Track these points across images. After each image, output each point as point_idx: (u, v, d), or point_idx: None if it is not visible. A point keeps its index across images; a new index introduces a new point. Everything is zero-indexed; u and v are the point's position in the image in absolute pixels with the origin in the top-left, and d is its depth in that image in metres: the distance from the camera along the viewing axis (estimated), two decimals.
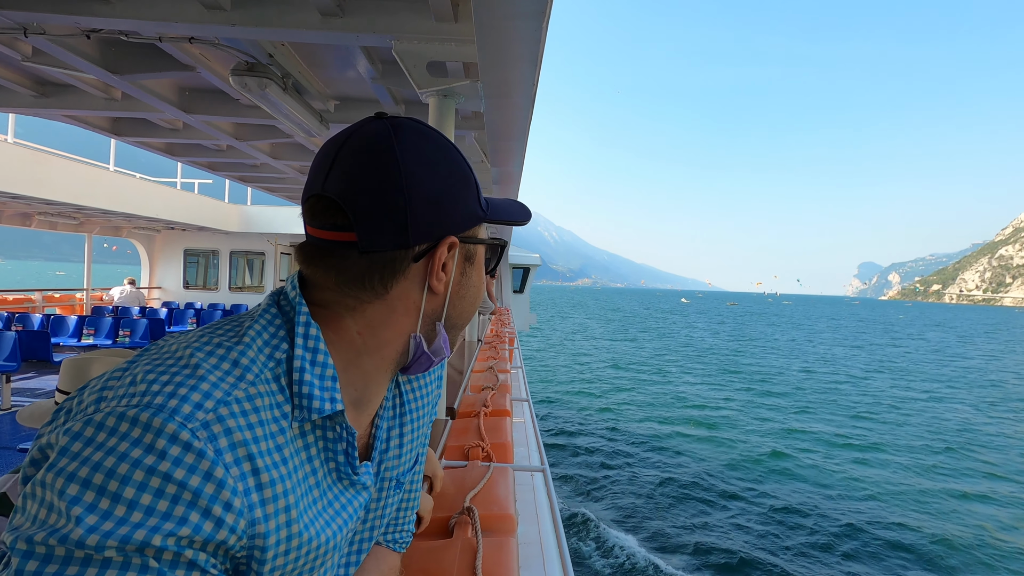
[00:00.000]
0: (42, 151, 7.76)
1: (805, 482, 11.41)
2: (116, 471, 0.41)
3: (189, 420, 0.45)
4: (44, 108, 3.76)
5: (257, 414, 0.50)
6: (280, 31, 2.35)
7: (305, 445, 0.55)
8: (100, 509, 0.41)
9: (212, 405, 0.47)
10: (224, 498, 0.45)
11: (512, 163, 4.06)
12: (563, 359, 28.63)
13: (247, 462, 0.48)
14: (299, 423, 0.54)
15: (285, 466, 0.51)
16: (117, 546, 0.40)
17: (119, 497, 0.41)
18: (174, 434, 0.43)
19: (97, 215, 9.96)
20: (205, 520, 0.44)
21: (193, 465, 0.43)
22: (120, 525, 0.41)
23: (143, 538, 0.41)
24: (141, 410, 0.44)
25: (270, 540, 0.49)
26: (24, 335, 6.20)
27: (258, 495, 0.48)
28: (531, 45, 1.80)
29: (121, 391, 0.46)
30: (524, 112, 2.54)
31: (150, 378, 0.47)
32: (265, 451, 0.50)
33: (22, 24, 2.37)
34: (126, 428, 0.43)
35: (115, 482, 0.41)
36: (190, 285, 13.55)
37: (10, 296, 11.12)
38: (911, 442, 14.76)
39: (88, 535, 0.40)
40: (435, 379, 0.79)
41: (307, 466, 0.55)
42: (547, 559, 1.78)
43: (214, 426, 0.46)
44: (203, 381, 0.48)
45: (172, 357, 0.50)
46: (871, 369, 29.95)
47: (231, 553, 0.47)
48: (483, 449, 2.15)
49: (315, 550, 0.55)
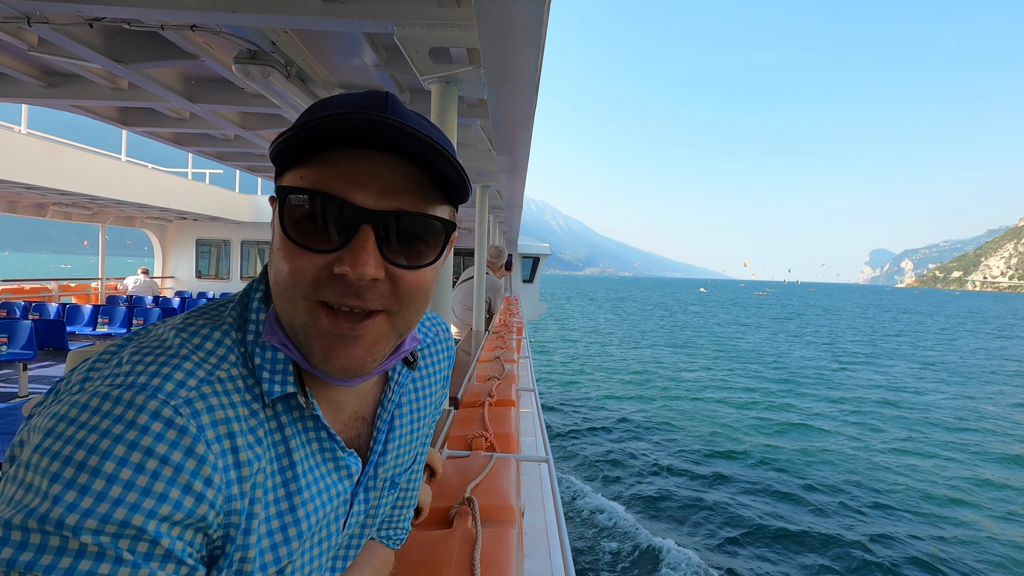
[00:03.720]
0: (55, 141, 7.85)
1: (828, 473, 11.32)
2: (98, 447, 0.41)
3: (172, 397, 0.45)
4: (52, 98, 3.79)
5: (238, 395, 0.51)
6: (281, 18, 2.33)
7: (279, 426, 0.55)
8: (79, 484, 0.40)
9: (195, 383, 0.48)
10: (205, 473, 0.45)
11: (518, 151, 4.01)
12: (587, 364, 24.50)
13: (228, 439, 0.48)
14: (271, 405, 0.54)
15: (260, 446, 0.51)
16: (95, 528, 0.40)
17: (99, 471, 0.41)
18: (156, 411, 0.44)
19: (110, 205, 10.08)
20: (186, 495, 0.43)
21: (175, 440, 0.44)
22: (99, 502, 0.40)
23: (123, 517, 0.40)
24: (125, 389, 0.44)
25: (245, 518, 0.49)
26: (40, 324, 6.32)
27: (236, 472, 0.48)
28: (533, 29, 1.76)
29: (107, 372, 0.47)
30: (528, 98, 2.51)
31: (135, 359, 0.48)
32: (243, 431, 0.50)
33: (25, 13, 2.38)
34: (109, 407, 0.44)
35: (96, 457, 0.41)
36: (202, 275, 13.72)
37: (27, 285, 11.33)
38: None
39: (67, 514, 0.39)
40: (440, 379, 0.77)
41: (281, 447, 0.54)
42: (552, 549, 1.79)
43: (197, 403, 0.47)
44: (186, 361, 0.49)
45: (158, 340, 0.51)
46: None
47: (209, 532, 0.47)
48: (486, 439, 2.16)
49: (292, 525, 0.54)
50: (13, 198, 9.08)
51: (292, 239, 0.50)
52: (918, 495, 10.40)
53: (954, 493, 10.55)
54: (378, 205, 0.50)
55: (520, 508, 2.23)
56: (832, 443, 13.49)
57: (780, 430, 14.54)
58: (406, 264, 0.52)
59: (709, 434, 13.90)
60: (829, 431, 14.62)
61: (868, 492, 10.38)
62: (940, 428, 15.48)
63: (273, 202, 0.53)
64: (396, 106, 0.52)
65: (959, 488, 10.83)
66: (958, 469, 11.94)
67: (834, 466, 11.80)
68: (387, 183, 0.50)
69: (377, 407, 0.68)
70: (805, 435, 14.22)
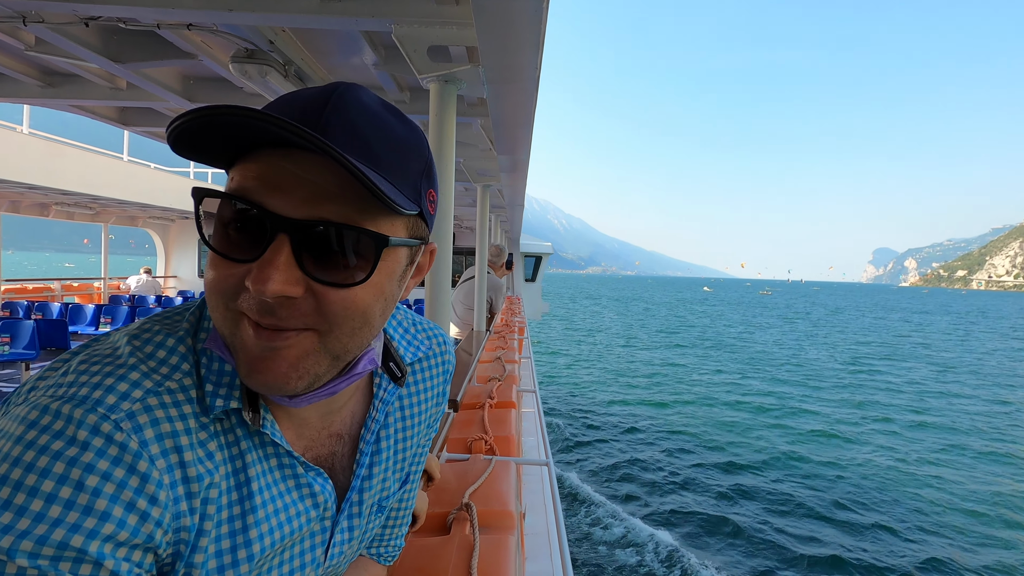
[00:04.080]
0: (57, 141, 7.85)
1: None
2: (35, 464, 0.39)
3: (113, 411, 0.43)
4: (51, 98, 3.79)
5: (188, 406, 0.47)
6: (278, 16, 2.31)
7: (236, 439, 0.51)
8: (15, 505, 0.38)
9: (140, 395, 0.45)
10: (149, 491, 0.42)
11: (519, 150, 3.99)
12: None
13: (174, 454, 0.45)
14: (224, 418, 0.51)
15: (212, 460, 0.48)
16: (31, 551, 0.37)
17: (36, 491, 0.38)
18: (95, 425, 0.42)
19: (113, 205, 10.10)
20: (128, 514, 0.41)
21: (116, 457, 0.41)
22: (36, 523, 0.38)
23: (61, 539, 0.38)
24: (64, 402, 0.42)
25: (193, 535, 0.47)
26: (43, 324, 6.32)
27: (184, 487, 0.46)
28: (532, 26, 1.74)
29: (52, 381, 0.45)
30: (528, 96, 2.48)
31: (81, 368, 0.45)
32: (192, 444, 0.47)
33: (20, 12, 2.36)
34: (48, 421, 0.41)
35: (33, 475, 0.39)
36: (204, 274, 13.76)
37: (30, 285, 11.37)
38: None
39: (1, 536, 0.37)
40: (435, 395, 0.73)
41: (238, 461, 0.51)
42: (552, 551, 1.77)
43: (139, 416, 0.44)
44: (133, 370, 0.46)
45: (110, 347, 0.48)
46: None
47: (158, 552, 0.44)
48: (486, 442, 2.13)
49: (246, 547, 0.50)
50: (16, 198, 9.10)
51: (210, 245, 0.46)
52: (962, 514, 9.54)
53: (996, 510, 9.71)
54: (296, 213, 0.44)
55: (522, 511, 2.21)
56: (859, 452, 12.69)
57: (800, 438, 13.76)
58: (329, 281, 0.46)
59: (721, 438, 13.44)
60: (854, 439, 13.78)
61: (903, 509, 9.60)
62: (977, 436, 14.39)
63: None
64: (342, 101, 0.47)
65: (1004, 504, 10.00)
66: (1003, 483, 11.06)
67: (864, 479, 10.99)
68: (311, 188, 0.44)
69: (361, 427, 0.63)
70: (829, 443, 13.42)
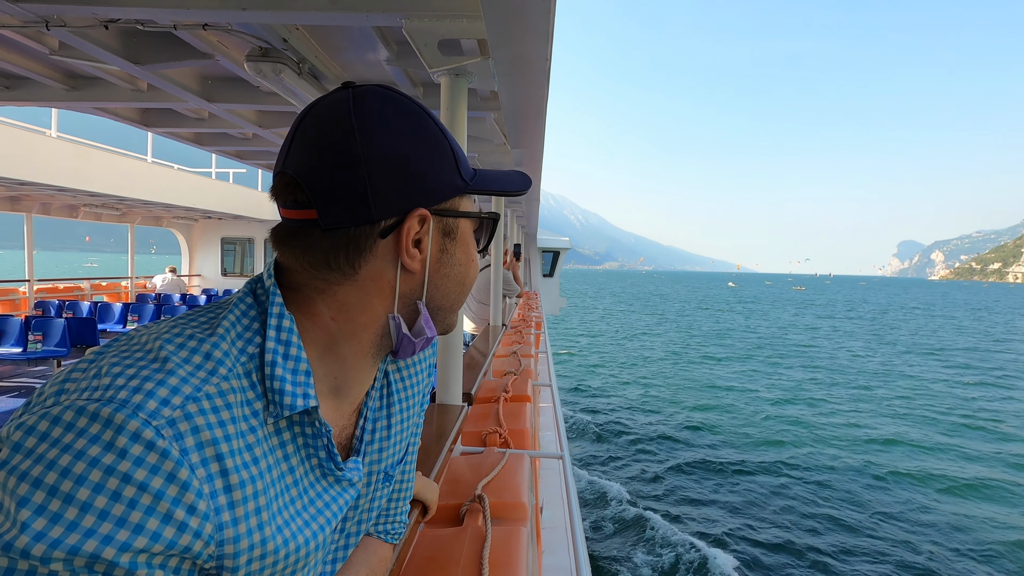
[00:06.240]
0: (85, 144, 8.06)
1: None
2: (71, 470, 0.39)
3: (154, 417, 0.42)
4: (75, 101, 3.89)
5: (229, 411, 0.47)
6: (290, 14, 2.33)
7: (281, 443, 0.52)
8: (50, 512, 0.38)
9: (180, 401, 0.44)
10: (188, 501, 0.42)
11: (532, 144, 3.97)
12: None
13: (215, 462, 0.45)
14: (273, 420, 0.51)
15: (256, 466, 0.48)
16: (64, 558, 0.37)
17: (72, 498, 0.38)
18: (136, 432, 0.41)
19: (138, 206, 10.34)
20: (166, 525, 0.41)
21: (155, 466, 0.41)
22: (70, 532, 0.38)
23: (93, 550, 0.38)
24: (103, 404, 0.41)
25: (241, 545, 0.46)
26: (73, 322, 6.51)
27: (226, 497, 0.45)
28: (540, 16, 1.72)
29: (84, 383, 0.44)
30: (539, 88, 2.46)
31: (115, 371, 0.44)
32: (236, 450, 0.47)
33: (43, 17, 2.42)
34: (85, 423, 0.40)
35: (69, 482, 0.38)
36: (228, 272, 14.00)
37: (61, 285, 11.73)
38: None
39: (34, 543, 0.37)
40: (426, 367, 0.76)
41: (283, 465, 0.52)
42: (570, 545, 1.76)
43: (180, 424, 0.43)
44: (171, 375, 0.45)
45: (141, 349, 0.47)
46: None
47: (198, 563, 0.44)
48: (500, 435, 2.14)
49: (294, 552, 0.52)
50: (46, 200, 9.37)
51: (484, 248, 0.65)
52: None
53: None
54: None
55: (539, 505, 2.21)
56: (934, 466, 11.33)
57: (855, 445, 12.49)
58: None
59: (760, 437, 12.74)
60: (930, 447, 12.49)
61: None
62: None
63: (427, 219, 0.57)
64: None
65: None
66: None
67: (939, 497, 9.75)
68: None
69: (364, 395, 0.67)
70: (897, 452, 12.11)
